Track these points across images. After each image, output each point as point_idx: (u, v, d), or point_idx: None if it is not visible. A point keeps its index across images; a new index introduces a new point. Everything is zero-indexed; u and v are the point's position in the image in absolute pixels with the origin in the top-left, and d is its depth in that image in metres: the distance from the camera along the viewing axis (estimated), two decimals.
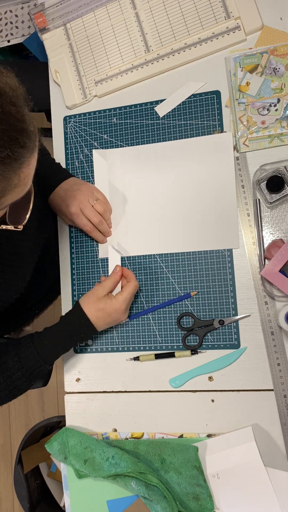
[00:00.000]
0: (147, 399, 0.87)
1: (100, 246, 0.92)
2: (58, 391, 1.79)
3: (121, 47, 0.92)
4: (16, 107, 0.51)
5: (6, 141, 0.50)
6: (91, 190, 0.87)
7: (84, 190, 0.86)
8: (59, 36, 0.95)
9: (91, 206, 0.85)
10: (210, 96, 0.88)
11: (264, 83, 0.84)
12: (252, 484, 0.79)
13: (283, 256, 0.78)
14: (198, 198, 0.87)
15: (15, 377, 0.78)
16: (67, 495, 0.88)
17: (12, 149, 0.51)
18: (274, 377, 0.81)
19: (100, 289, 0.81)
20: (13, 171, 0.52)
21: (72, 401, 0.91)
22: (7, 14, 1.24)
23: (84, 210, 0.85)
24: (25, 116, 0.53)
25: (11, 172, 0.52)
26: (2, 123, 0.50)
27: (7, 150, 0.50)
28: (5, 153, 0.50)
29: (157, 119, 0.90)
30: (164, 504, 0.78)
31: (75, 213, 0.85)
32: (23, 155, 0.53)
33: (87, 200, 0.85)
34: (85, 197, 0.85)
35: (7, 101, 0.51)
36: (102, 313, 0.80)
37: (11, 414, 1.84)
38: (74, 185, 0.87)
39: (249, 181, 0.85)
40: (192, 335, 0.86)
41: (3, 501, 1.82)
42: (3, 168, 0.51)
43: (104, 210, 0.87)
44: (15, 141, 0.51)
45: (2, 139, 0.50)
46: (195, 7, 0.88)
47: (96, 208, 0.86)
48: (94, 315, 0.80)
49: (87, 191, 0.86)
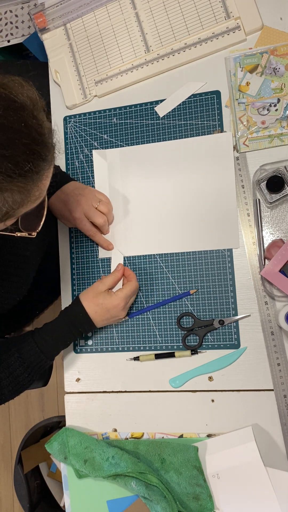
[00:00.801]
0: (147, 399, 0.87)
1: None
2: (58, 391, 1.79)
3: (121, 47, 0.92)
4: (37, 121, 0.52)
5: (29, 155, 0.51)
6: (93, 193, 0.87)
7: (86, 194, 0.86)
8: (59, 36, 0.95)
9: (95, 208, 0.85)
10: (210, 96, 0.88)
11: (264, 83, 0.84)
12: (252, 484, 0.79)
13: (283, 256, 0.78)
14: (198, 198, 0.87)
15: (17, 373, 0.78)
16: (67, 495, 0.88)
17: (34, 163, 0.51)
18: (274, 377, 0.81)
19: (100, 285, 0.82)
20: (34, 183, 0.53)
21: (72, 401, 0.91)
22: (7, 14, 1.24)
23: (88, 214, 0.85)
24: (45, 129, 0.53)
25: (32, 184, 0.53)
26: (26, 137, 0.51)
27: (30, 164, 0.51)
28: (28, 167, 0.51)
29: (157, 119, 0.90)
30: (164, 504, 0.78)
31: (79, 219, 0.85)
32: (43, 168, 0.53)
33: (90, 204, 0.85)
34: (89, 201, 0.85)
35: (29, 115, 0.51)
36: (101, 308, 0.81)
37: (11, 414, 1.84)
38: (75, 189, 0.87)
39: (249, 181, 0.85)
40: (192, 335, 0.86)
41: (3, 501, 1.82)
42: (25, 181, 0.52)
43: (108, 211, 0.87)
44: (37, 155, 0.52)
45: (25, 153, 0.50)
46: (195, 7, 0.88)
47: (100, 209, 0.86)
48: (92, 310, 0.81)
49: (89, 195, 0.86)
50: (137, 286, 0.84)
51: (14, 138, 0.50)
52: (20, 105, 0.51)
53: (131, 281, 0.83)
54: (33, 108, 0.52)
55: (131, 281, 0.83)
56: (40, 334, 0.81)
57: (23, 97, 0.52)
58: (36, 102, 0.53)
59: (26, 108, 0.51)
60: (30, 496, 1.33)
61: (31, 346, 0.79)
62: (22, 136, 0.50)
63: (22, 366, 0.78)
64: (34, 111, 0.52)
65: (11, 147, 0.49)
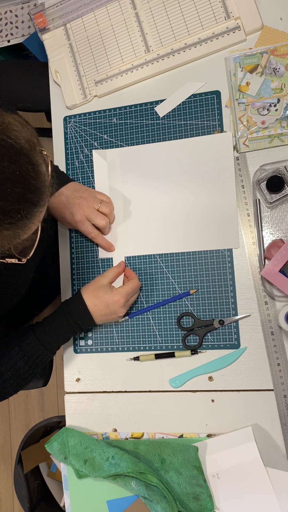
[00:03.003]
0: (147, 399, 0.87)
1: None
2: (58, 391, 1.79)
3: (121, 47, 0.92)
4: (33, 166, 0.50)
5: (21, 202, 0.49)
6: (94, 195, 0.86)
7: (87, 196, 0.85)
8: (59, 36, 0.95)
9: (96, 210, 0.85)
10: (210, 96, 0.88)
11: (264, 83, 0.84)
12: (252, 484, 0.79)
13: (283, 256, 0.78)
14: (198, 198, 0.87)
15: (18, 366, 0.79)
16: (67, 495, 0.88)
17: (26, 210, 0.50)
18: (274, 377, 0.81)
19: (102, 279, 0.82)
20: (26, 226, 0.52)
21: (72, 401, 0.91)
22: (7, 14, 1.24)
23: (89, 216, 0.85)
24: (40, 173, 0.52)
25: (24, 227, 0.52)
26: (19, 187, 0.49)
27: (21, 211, 0.50)
28: (18, 216, 0.50)
29: (157, 119, 0.90)
30: (164, 504, 0.78)
31: (80, 222, 0.85)
32: (35, 212, 0.52)
33: (91, 206, 0.85)
34: (90, 204, 0.85)
35: (26, 161, 0.50)
36: (100, 302, 0.81)
37: (11, 414, 1.84)
38: (75, 191, 0.86)
39: (249, 181, 0.85)
40: (192, 335, 0.86)
41: (3, 501, 1.82)
42: (14, 227, 0.50)
43: (110, 211, 0.87)
44: (29, 202, 0.50)
45: (17, 202, 0.49)
46: (195, 7, 0.88)
47: (101, 210, 0.85)
48: (92, 302, 0.81)
49: (90, 197, 0.85)
50: (139, 285, 0.84)
51: (7, 188, 0.48)
52: (18, 151, 0.50)
53: (133, 280, 0.83)
54: (30, 153, 0.50)
55: (133, 280, 0.83)
56: (40, 326, 0.81)
57: (21, 141, 0.50)
58: (34, 145, 0.51)
59: (23, 153, 0.50)
60: (30, 496, 1.33)
61: (32, 338, 0.79)
62: (15, 186, 0.49)
63: (23, 359, 0.79)
64: (31, 156, 0.50)
65: (2, 198, 0.48)
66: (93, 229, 0.86)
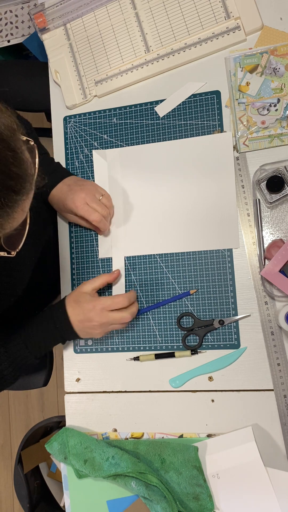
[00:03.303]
0: (147, 399, 0.87)
1: (100, 246, 0.92)
2: (58, 391, 1.79)
3: (121, 47, 0.92)
4: (13, 152, 0.49)
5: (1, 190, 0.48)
6: (95, 186, 0.87)
7: (89, 185, 0.86)
8: (59, 36, 0.95)
9: (98, 200, 0.85)
10: (210, 96, 0.88)
11: (264, 83, 0.84)
12: (252, 484, 0.79)
13: (283, 256, 0.78)
14: (198, 198, 0.87)
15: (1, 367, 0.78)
16: (67, 495, 0.88)
17: (7, 197, 0.49)
18: (274, 377, 0.81)
19: (86, 285, 0.81)
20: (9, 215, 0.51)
21: (72, 401, 0.91)
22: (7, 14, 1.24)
23: (91, 204, 0.84)
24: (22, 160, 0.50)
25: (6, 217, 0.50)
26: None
27: (1, 199, 0.48)
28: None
29: (157, 119, 0.90)
30: (164, 504, 0.78)
31: (81, 205, 0.84)
32: (17, 201, 0.50)
33: (93, 194, 0.85)
34: (91, 192, 0.85)
35: (5, 146, 0.48)
36: (79, 307, 0.79)
37: (11, 414, 1.84)
38: (77, 181, 0.87)
39: (249, 181, 0.85)
40: (192, 335, 0.86)
41: (3, 501, 1.82)
42: None
43: (110, 205, 0.87)
44: (10, 189, 0.49)
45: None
46: (195, 7, 0.88)
47: (103, 202, 0.86)
48: (70, 306, 0.80)
49: (92, 186, 0.86)
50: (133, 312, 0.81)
51: None
52: None
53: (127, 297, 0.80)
54: (10, 139, 0.49)
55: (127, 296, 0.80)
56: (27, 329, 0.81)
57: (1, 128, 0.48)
58: (14, 131, 0.50)
59: (1, 139, 0.48)
60: (30, 496, 1.33)
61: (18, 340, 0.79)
62: None
63: (7, 360, 0.78)
64: (11, 142, 0.49)
65: None
66: (95, 211, 0.84)
